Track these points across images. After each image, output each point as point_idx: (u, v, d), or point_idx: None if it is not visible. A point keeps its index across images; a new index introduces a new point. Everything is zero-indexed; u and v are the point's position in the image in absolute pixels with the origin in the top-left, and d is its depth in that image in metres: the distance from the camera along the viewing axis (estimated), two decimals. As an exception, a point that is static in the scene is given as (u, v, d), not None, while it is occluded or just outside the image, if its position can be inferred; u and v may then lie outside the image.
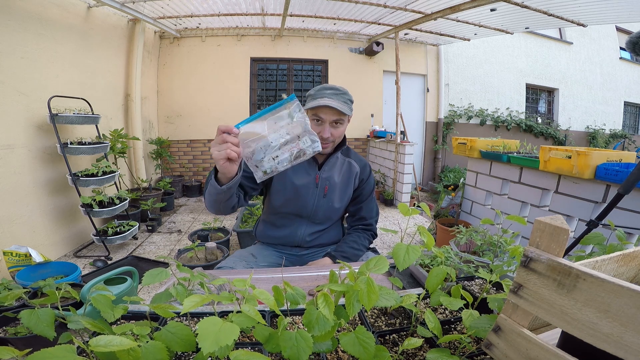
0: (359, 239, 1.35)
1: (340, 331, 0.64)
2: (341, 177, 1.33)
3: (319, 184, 1.28)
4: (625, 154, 1.81)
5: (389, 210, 4.30)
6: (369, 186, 1.39)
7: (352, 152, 1.40)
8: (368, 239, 1.38)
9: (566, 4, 3.21)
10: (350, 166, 1.35)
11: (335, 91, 1.18)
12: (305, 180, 1.27)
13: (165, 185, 4.21)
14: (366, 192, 1.39)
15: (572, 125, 7.01)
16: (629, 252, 0.47)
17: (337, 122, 1.19)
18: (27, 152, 2.41)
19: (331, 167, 1.31)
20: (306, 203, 1.28)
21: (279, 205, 1.30)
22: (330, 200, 1.30)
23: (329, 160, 1.30)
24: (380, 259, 0.54)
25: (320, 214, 1.31)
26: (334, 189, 1.30)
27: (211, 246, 2.39)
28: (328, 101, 1.14)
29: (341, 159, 1.35)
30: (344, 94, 1.19)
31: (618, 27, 7.35)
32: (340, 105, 1.15)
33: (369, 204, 1.40)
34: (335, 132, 1.21)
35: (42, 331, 0.49)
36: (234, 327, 0.38)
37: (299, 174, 1.28)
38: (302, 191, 1.27)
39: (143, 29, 3.91)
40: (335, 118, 1.17)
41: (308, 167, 1.29)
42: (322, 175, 1.29)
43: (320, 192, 1.29)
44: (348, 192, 1.35)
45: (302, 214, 1.31)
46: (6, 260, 1.73)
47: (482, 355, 0.58)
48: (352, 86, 5.30)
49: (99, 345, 0.35)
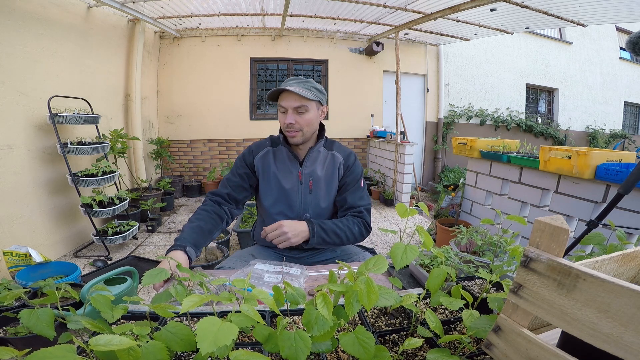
0: (345, 220, 1.26)
1: (340, 331, 0.64)
2: (325, 170, 1.29)
3: (303, 180, 1.26)
4: (625, 154, 1.81)
5: (388, 210, 4.30)
6: (354, 174, 1.32)
7: (336, 144, 1.36)
8: (358, 225, 1.26)
9: (566, 4, 3.21)
10: (334, 157, 1.31)
11: (298, 79, 1.19)
12: (288, 177, 1.27)
13: (165, 185, 4.21)
14: (351, 180, 1.31)
15: (572, 125, 7.00)
16: (629, 252, 0.47)
17: (299, 108, 1.16)
18: (27, 152, 2.41)
19: (313, 162, 1.28)
20: (293, 201, 1.27)
21: (269, 206, 1.29)
22: (317, 196, 1.28)
23: (309, 154, 1.27)
24: (379, 259, 0.54)
25: (310, 210, 1.28)
26: (319, 183, 1.27)
27: (211, 246, 2.39)
28: (285, 85, 1.15)
29: (324, 152, 1.31)
30: (307, 82, 1.19)
31: (618, 27, 7.35)
32: (301, 90, 1.13)
33: (356, 192, 1.31)
34: (299, 119, 1.17)
35: (41, 331, 0.49)
36: (233, 327, 0.38)
37: (282, 172, 1.27)
38: (287, 188, 1.26)
39: (143, 29, 3.91)
40: (296, 104, 1.15)
41: (290, 164, 1.28)
42: (304, 171, 1.26)
43: (305, 188, 1.27)
44: (334, 184, 1.30)
45: (292, 213, 1.29)
46: (6, 260, 1.73)
47: (482, 355, 0.58)
48: (352, 86, 5.31)
49: (98, 345, 0.35)
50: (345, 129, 5.36)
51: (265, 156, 1.29)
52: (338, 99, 5.27)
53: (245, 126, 5.09)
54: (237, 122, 5.06)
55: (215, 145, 5.13)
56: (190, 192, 4.93)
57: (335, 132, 5.22)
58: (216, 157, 5.15)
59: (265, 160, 1.29)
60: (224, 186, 1.28)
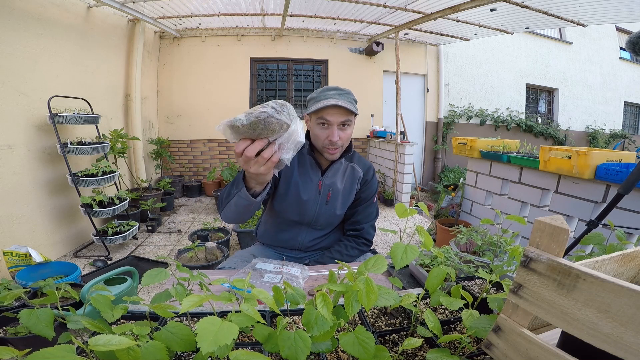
0: (345, 249, 1.28)
1: (340, 331, 0.64)
2: (344, 184, 1.28)
3: (322, 191, 1.25)
4: (625, 154, 1.81)
5: (388, 210, 4.30)
6: (370, 189, 1.33)
7: (356, 156, 1.34)
8: (356, 248, 1.30)
9: (566, 4, 3.21)
10: (354, 171, 1.30)
11: (339, 91, 1.13)
12: (308, 186, 1.24)
13: (165, 185, 4.21)
14: (366, 196, 1.32)
15: (572, 125, 7.00)
16: (629, 252, 0.47)
17: (344, 123, 1.12)
18: (27, 152, 2.41)
19: (334, 173, 1.27)
20: (308, 210, 1.25)
21: (280, 210, 1.28)
22: (332, 208, 1.27)
23: (332, 165, 1.25)
24: (379, 259, 0.54)
25: (322, 220, 1.28)
26: (337, 195, 1.26)
27: (211, 246, 2.39)
28: (333, 100, 1.08)
29: (344, 164, 1.30)
30: (348, 93, 1.14)
31: (618, 27, 7.35)
32: (349, 105, 1.09)
33: (367, 208, 1.33)
34: (343, 134, 1.14)
35: (41, 331, 0.49)
36: (233, 327, 0.38)
37: (303, 180, 1.25)
38: (305, 199, 1.23)
39: (143, 29, 3.91)
40: (342, 119, 1.11)
41: (311, 172, 1.25)
42: (325, 182, 1.25)
43: (322, 199, 1.25)
44: (351, 197, 1.30)
45: (303, 221, 1.28)
46: (6, 260, 1.73)
47: (482, 355, 0.58)
48: (352, 86, 5.27)
49: (98, 345, 0.35)
50: (345, 129, 5.35)
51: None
52: (338, 99, 5.26)
53: (245, 126, 5.08)
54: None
55: (215, 145, 5.13)
56: (190, 192, 4.93)
57: (335, 132, 5.21)
58: (216, 157, 5.15)
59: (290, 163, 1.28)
60: None
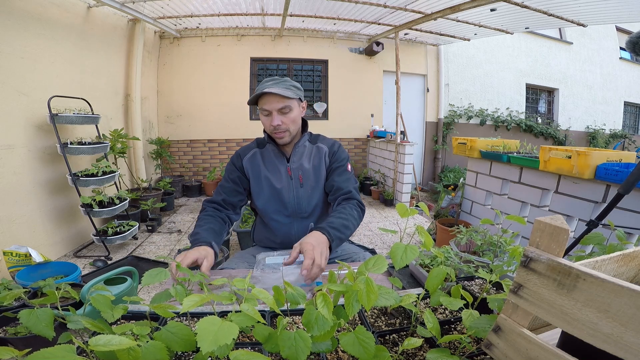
0: (345, 208, 1.21)
1: (340, 331, 0.64)
2: (312, 162, 1.31)
3: (292, 175, 1.28)
4: (625, 154, 1.81)
5: (388, 210, 4.30)
6: (340, 159, 1.33)
7: (320, 137, 1.38)
8: (355, 208, 1.23)
9: (566, 4, 3.21)
10: (319, 149, 1.33)
11: (275, 80, 1.18)
12: (278, 175, 1.28)
13: (165, 185, 4.21)
14: (337, 165, 1.32)
15: (572, 125, 7.00)
16: (629, 252, 0.47)
17: (283, 109, 1.17)
18: (27, 152, 2.41)
19: (300, 157, 1.31)
20: (286, 198, 1.28)
21: (263, 207, 1.30)
22: (308, 188, 1.29)
23: (295, 150, 1.29)
24: (379, 259, 0.54)
25: (304, 204, 1.29)
26: (308, 175, 1.29)
27: (211, 246, 2.38)
28: (266, 89, 1.13)
29: (309, 147, 1.34)
30: (285, 81, 1.19)
31: (618, 27, 7.35)
32: (282, 90, 1.13)
33: (343, 174, 1.30)
34: (285, 119, 1.19)
35: (40, 331, 0.49)
36: (233, 327, 0.38)
37: (272, 171, 1.29)
38: (279, 187, 1.27)
39: (143, 29, 3.91)
40: (280, 105, 1.16)
41: (277, 162, 1.29)
42: (292, 166, 1.29)
43: (296, 182, 1.28)
44: (322, 173, 1.32)
45: (287, 210, 1.30)
46: (6, 260, 1.73)
47: (482, 355, 0.58)
48: (352, 86, 5.31)
49: (98, 345, 0.35)
50: (345, 129, 5.37)
51: (253, 158, 1.31)
52: (338, 98, 5.27)
53: (245, 126, 5.09)
54: (237, 122, 5.06)
55: (215, 145, 5.13)
56: (190, 192, 4.93)
57: (335, 131, 5.22)
58: (216, 157, 5.15)
59: (254, 161, 1.31)
60: (218, 193, 1.30)
